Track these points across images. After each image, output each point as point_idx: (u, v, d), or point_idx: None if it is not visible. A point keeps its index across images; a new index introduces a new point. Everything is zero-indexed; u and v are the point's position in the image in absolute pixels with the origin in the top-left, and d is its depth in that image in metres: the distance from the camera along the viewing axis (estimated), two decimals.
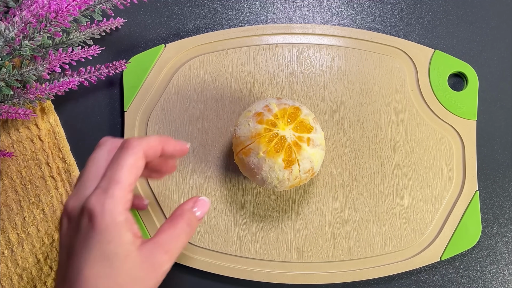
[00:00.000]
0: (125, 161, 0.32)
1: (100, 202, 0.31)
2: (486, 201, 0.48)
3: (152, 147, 0.34)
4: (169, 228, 0.34)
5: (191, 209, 0.35)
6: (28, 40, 0.41)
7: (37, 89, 0.44)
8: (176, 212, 0.35)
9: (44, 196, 0.47)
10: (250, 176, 0.39)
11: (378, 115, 0.47)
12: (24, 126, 0.48)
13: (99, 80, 0.49)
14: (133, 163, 0.32)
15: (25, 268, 0.47)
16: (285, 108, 0.39)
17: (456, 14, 0.50)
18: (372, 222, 0.46)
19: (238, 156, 0.39)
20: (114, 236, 0.31)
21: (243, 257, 0.46)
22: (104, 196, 0.31)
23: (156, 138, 0.35)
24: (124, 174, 0.32)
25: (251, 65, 0.48)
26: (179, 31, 0.50)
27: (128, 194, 0.32)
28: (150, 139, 0.34)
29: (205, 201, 0.36)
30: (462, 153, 0.47)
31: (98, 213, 0.31)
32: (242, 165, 0.39)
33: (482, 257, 0.48)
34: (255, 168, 0.38)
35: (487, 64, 0.50)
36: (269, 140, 0.37)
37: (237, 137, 0.39)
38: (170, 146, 0.35)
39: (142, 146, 0.33)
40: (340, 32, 0.48)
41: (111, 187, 0.31)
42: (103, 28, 0.47)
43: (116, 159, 0.33)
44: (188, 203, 0.36)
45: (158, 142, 0.34)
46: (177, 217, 0.34)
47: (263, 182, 0.39)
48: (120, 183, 0.32)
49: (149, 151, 0.34)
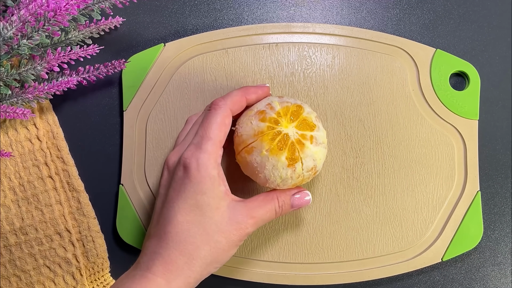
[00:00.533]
0: (214, 119, 0.37)
1: (195, 156, 0.36)
2: (488, 201, 0.48)
3: (236, 102, 0.38)
4: (262, 200, 0.38)
5: (290, 194, 0.39)
6: (27, 39, 0.41)
7: (35, 89, 0.44)
8: (276, 191, 0.39)
9: (42, 196, 0.47)
10: (252, 175, 0.39)
11: (379, 115, 0.47)
12: (23, 126, 0.48)
13: (98, 79, 0.49)
14: (221, 121, 0.37)
15: (24, 269, 0.47)
16: (288, 106, 0.39)
17: (458, 13, 0.50)
18: (373, 222, 0.46)
19: (241, 154, 0.39)
20: (208, 188, 0.35)
21: (243, 258, 0.46)
22: (198, 151, 0.36)
23: (238, 92, 0.39)
24: (214, 131, 0.36)
25: (251, 65, 0.47)
26: (178, 30, 0.50)
27: (219, 149, 0.36)
28: (233, 95, 0.38)
29: (306, 194, 0.40)
30: (464, 152, 0.47)
31: (193, 166, 0.35)
32: (244, 163, 0.39)
33: (484, 258, 0.48)
34: (258, 167, 0.38)
35: (489, 63, 0.49)
36: (272, 138, 0.37)
37: (239, 136, 0.39)
38: (252, 94, 0.39)
39: (228, 104, 0.37)
40: (341, 31, 0.48)
41: (203, 143, 0.36)
42: (102, 27, 0.47)
43: (206, 119, 0.37)
44: (292, 190, 0.40)
45: (241, 95, 0.38)
46: (272, 194, 0.38)
47: (265, 181, 0.38)
48: (212, 139, 0.36)
49: (234, 106, 0.38)
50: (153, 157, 0.47)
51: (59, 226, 0.47)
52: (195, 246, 0.35)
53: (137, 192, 0.47)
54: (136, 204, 0.47)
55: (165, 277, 0.35)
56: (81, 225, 0.47)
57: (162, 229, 0.36)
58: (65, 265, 0.47)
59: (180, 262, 0.35)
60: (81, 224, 0.47)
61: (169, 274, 0.35)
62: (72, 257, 0.47)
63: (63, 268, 0.47)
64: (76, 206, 0.47)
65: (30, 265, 0.47)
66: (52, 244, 0.47)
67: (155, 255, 0.36)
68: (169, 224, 0.36)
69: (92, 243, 0.47)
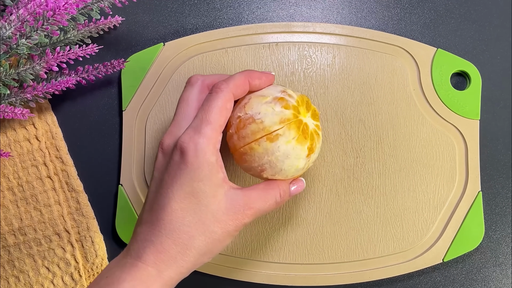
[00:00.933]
0: (215, 102, 0.35)
1: (194, 140, 0.34)
2: (489, 201, 0.48)
3: (239, 86, 0.36)
4: (262, 189, 0.36)
5: (288, 183, 0.38)
6: (25, 38, 0.41)
7: (34, 89, 0.44)
8: (277, 181, 0.37)
9: (41, 196, 0.47)
10: (260, 165, 0.37)
11: (380, 115, 0.47)
12: (21, 126, 0.47)
13: (97, 79, 0.49)
14: (222, 105, 0.35)
15: (22, 270, 0.47)
16: (302, 96, 0.38)
17: (459, 13, 0.50)
18: (374, 223, 0.46)
19: (254, 143, 0.37)
20: (205, 174, 0.34)
21: (243, 259, 0.46)
22: (197, 135, 0.34)
23: (241, 75, 0.37)
24: (215, 115, 0.34)
25: (251, 64, 0.47)
26: (178, 29, 0.50)
27: (219, 134, 0.35)
28: (236, 79, 0.36)
29: (302, 182, 0.39)
30: (465, 153, 0.47)
31: (191, 151, 0.34)
32: (254, 153, 0.37)
33: (485, 258, 0.48)
34: (277, 155, 0.36)
35: (490, 63, 0.49)
36: (298, 126, 0.36)
37: (258, 123, 0.36)
38: (255, 79, 0.37)
39: (230, 87, 0.36)
40: (341, 31, 0.48)
41: (203, 127, 0.34)
42: (101, 26, 0.47)
43: (207, 101, 0.35)
44: (289, 179, 0.38)
45: (244, 79, 0.37)
46: (273, 184, 0.37)
47: (276, 171, 0.37)
48: (212, 123, 0.34)
49: (237, 90, 0.36)
50: (152, 157, 0.47)
51: (58, 226, 0.47)
52: (189, 236, 0.34)
53: (136, 192, 0.47)
54: (135, 204, 0.47)
55: (157, 267, 0.34)
56: (80, 225, 0.47)
57: (155, 215, 0.35)
58: (64, 265, 0.47)
59: (172, 251, 0.34)
60: (80, 224, 0.47)
61: (161, 263, 0.34)
62: (71, 258, 0.47)
63: (62, 268, 0.47)
64: (75, 206, 0.47)
65: (28, 266, 0.47)
66: (51, 245, 0.47)
67: (147, 242, 0.34)
68: (163, 210, 0.34)
69: (91, 243, 0.47)
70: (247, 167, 0.38)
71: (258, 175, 0.38)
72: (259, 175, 0.37)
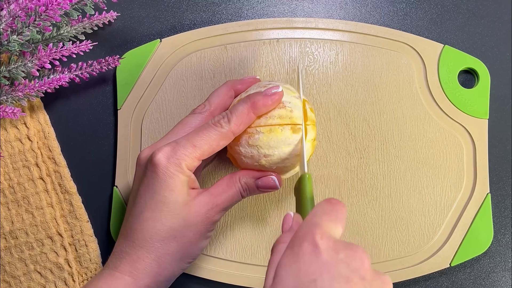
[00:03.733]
0: (210, 134, 0.37)
1: (167, 155, 0.36)
2: (498, 204, 0.48)
3: (241, 124, 0.38)
4: (225, 185, 0.38)
5: (252, 176, 0.39)
6: (17, 35, 0.41)
7: (26, 87, 0.44)
8: (237, 172, 0.39)
9: (33, 198, 0.47)
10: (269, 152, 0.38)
11: (385, 114, 0.47)
12: (12, 126, 0.47)
13: (91, 77, 0.49)
14: (215, 140, 0.37)
15: (14, 275, 0.46)
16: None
17: (467, 8, 0.50)
18: (378, 226, 0.46)
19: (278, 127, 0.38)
20: (175, 186, 0.36)
21: (242, 263, 0.46)
22: (174, 152, 0.36)
23: (244, 109, 0.38)
24: (203, 143, 0.36)
25: (251, 61, 0.47)
26: (175, 25, 0.50)
27: (196, 161, 0.37)
28: (238, 116, 0.37)
29: (269, 179, 0.39)
30: (473, 153, 0.47)
31: (163, 166, 0.36)
32: (271, 136, 0.38)
33: (494, 263, 0.48)
34: (292, 149, 0.38)
35: (499, 60, 0.49)
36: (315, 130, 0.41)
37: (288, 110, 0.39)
38: (261, 108, 0.38)
39: (231, 127, 0.37)
40: (345, 27, 0.48)
41: (184, 147, 0.36)
42: (95, 22, 0.47)
43: (203, 129, 0.37)
44: (254, 172, 0.39)
45: (247, 112, 0.38)
46: (235, 177, 0.39)
47: (282, 164, 0.39)
48: (195, 148, 0.36)
49: (238, 128, 0.38)
50: None
51: (50, 229, 0.47)
52: (162, 243, 0.36)
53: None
54: None
55: (133, 275, 0.36)
56: (73, 228, 0.47)
57: (129, 226, 0.37)
58: (57, 270, 0.47)
59: (147, 259, 0.36)
60: (73, 227, 0.47)
61: (137, 272, 0.36)
62: (64, 262, 0.47)
63: (55, 273, 0.47)
64: (68, 208, 0.47)
65: (20, 271, 0.47)
66: (43, 249, 0.47)
67: (122, 253, 0.37)
68: (136, 221, 0.37)
69: (85, 247, 0.47)
70: (245, 151, 0.39)
71: (254, 159, 0.39)
72: (257, 159, 0.39)
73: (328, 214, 0.30)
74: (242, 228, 0.46)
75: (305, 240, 0.29)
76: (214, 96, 0.42)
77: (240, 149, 0.39)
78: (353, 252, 0.29)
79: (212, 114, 0.41)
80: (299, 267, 0.28)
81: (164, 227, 0.36)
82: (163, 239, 0.36)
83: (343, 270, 0.28)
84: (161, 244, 0.36)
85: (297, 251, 0.29)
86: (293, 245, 0.29)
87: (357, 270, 0.28)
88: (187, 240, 0.37)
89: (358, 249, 0.29)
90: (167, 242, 0.36)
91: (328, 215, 0.30)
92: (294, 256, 0.29)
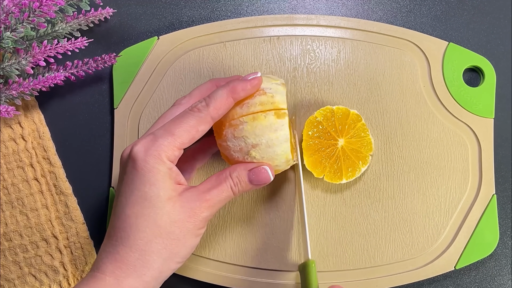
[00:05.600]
0: (187, 119, 0.36)
1: (145, 146, 0.35)
2: (504, 205, 0.48)
3: (220, 108, 0.37)
4: (215, 180, 0.38)
5: (245, 169, 0.38)
6: (10, 31, 0.41)
7: (20, 85, 0.44)
8: (229, 167, 0.38)
9: (27, 200, 0.47)
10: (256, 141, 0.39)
11: (388, 113, 0.47)
12: (6, 125, 0.47)
13: (87, 75, 0.49)
14: (193, 125, 0.36)
15: (8, 278, 0.46)
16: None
17: (472, 4, 0.50)
18: (381, 228, 0.46)
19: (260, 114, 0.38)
20: (157, 179, 0.35)
21: (242, 266, 0.46)
22: (152, 143, 0.35)
23: (223, 94, 0.37)
24: (181, 130, 0.36)
25: (250, 59, 0.47)
26: (173, 22, 0.50)
27: (176, 150, 0.36)
28: (217, 100, 0.37)
29: (266, 170, 0.38)
30: (478, 153, 0.47)
31: (140, 156, 0.35)
32: (255, 125, 0.38)
33: (500, 266, 0.48)
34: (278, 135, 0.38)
35: (505, 57, 0.49)
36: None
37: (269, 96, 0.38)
38: (240, 92, 0.37)
39: (209, 111, 0.36)
40: (347, 24, 0.48)
41: (162, 137, 0.35)
42: (91, 18, 0.47)
43: (180, 116, 0.36)
44: (248, 164, 0.38)
45: (226, 98, 0.37)
46: (226, 171, 0.38)
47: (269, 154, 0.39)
48: (174, 136, 0.35)
49: (217, 112, 0.37)
50: None
51: (45, 231, 0.47)
52: (145, 241, 0.35)
53: None
54: None
55: (115, 276, 0.35)
56: (69, 230, 0.47)
57: (112, 225, 0.36)
58: (52, 273, 0.47)
59: (131, 258, 0.35)
60: (69, 229, 0.47)
61: (119, 272, 0.35)
62: (59, 265, 0.47)
63: (50, 276, 0.47)
64: (64, 210, 0.47)
65: (14, 274, 0.46)
66: (38, 251, 0.47)
67: (105, 253, 0.36)
68: (118, 219, 0.36)
69: (81, 250, 0.47)
70: (232, 145, 0.38)
71: (243, 152, 0.38)
72: (246, 151, 0.38)
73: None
74: (240, 230, 0.46)
75: None
76: (196, 90, 0.41)
77: (228, 144, 0.39)
78: None
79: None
80: None
81: (147, 223, 0.35)
82: (147, 235, 0.35)
83: None
84: (145, 241, 0.35)
85: None
86: None
87: None
88: (173, 237, 0.35)
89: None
90: (151, 239, 0.35)
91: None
92: None
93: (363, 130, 0.45)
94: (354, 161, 0.44)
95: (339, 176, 0.44)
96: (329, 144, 0.44)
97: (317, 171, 0.44)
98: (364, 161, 0.45)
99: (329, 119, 0.45)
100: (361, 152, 0.45)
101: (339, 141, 0.44)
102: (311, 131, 0.44)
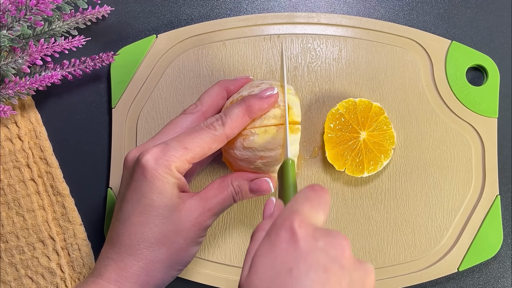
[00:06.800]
0: (203, 137, 0.36)
1: (156, 156, 0.35)
2: (508, 206, 0.48)
3: (235, 127, 0.37)
4: (217, 188, 0.38)
5: (246, 178, 0.39)
6: (6, 30, 0.41)
7: (16, 84, 0.44)
8: (230, 175, 0.39)
9: (24, 201, 0.47)
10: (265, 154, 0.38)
11: (390, 113, 0.47)
12: (3, 125, 0.47)
13: (84, 74, 0.48)
14: (208, 142, 0.36)
15: (4, 280, 0.46)
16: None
17: (475, 2, 0.50)
18: (383, 229, 0.46)
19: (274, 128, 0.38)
20: (164, 189, 0.35)
21: (241, 268, 0.46)
22: (163, 153, 0.35)
23: (239, 112, 0.37)
24: (195, 146, 0.36)
25: (250, 58, 0.47)
26: (172, 20, 0.50)
27: (187, 163, 0.36)
28: (233, 119, 0.37)
29: (262, 181, 0.39)
30: (482, 153, 0.47)
31: (151, 167, 0.35)
32: (266, 137, 0.38)
33: (504, 267, 0.48)
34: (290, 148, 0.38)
35: (508, 56, 0.49)
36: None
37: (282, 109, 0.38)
38: (257, 112, 0.37)
39: (225, 130, 0.36)
40: (348, 22, 0.48)
41: (175, 148, 0.35)
42: (88, 17, 0.47)
43: (195, 131, 0.36)
44: (249, 174, 0.39)
45: (242, 115, 0.37)
46: (227, 180, 0.38)
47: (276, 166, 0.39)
48: (187, 150, 0.35)
49: (232, 132, 0.37)
50: None
51: (42, 233, 0.46)
52: (150, 250, 0.35)
53: None
54: None
55: (119, 284, 0.35)
56: (66, 232, 0.47)
57: (116, 231, 0.36)
58: (49, 275, 0.46)
59: (135, 267, 0.35)
60: (66, 231, 0.47)
61: (124, 280, 0.35)
62: (56, 267, 0.46)
63: (47, 278, 0.47)
64: (61, 211, 0.47)
65: (10, 276, 0.46)
66: (34, 253, 0.46)
67: (108, 260, 0.36)
68: (123, 226, 0.36)
69: (78, 251, 0.47)
70: (240, 154, 0.38)
71: (250, 162, 0.38)
72: (253, 162, 0.38)
73: (310, 200, 0.30)
74: (239, 232, 0.46)
75: (283, 228, 0.28)
76: (206, 96, 0.41)
77: (235, 152, 0.38)
78: (333, 239, 0.28)
79: (204, 115, 0.40)
80: (275, 256, 0.28)
81: (152, 233, 0.35)
82: (152, 245, 0.35)
83: (321, 259, 0.27)
84: (150, 250, 0.35)
85: (274, 240, 0.28)
86: (270, 233, 0.29)
87: (336, 258, 0.27)
88: (177, 246, 0.36)
89: (338, 236, 0.28)
90: (156, 248, 0.35)
91: (310, 201, 0.30)
92: (271, 244, 0.28)
93: (385, 123, 0.45)
94: (376, 154, 0.44)
95: (361, 170, 0.44)
96: (351, 137, 0.44)
97: (338, 164, 0.44)
98: (386, 154, 0.44)
99: (351, 112, 0.45)
100: (383, 145, 0.44)
101: (361, 134, 0.44)
102: (332, 123, 0.44)
